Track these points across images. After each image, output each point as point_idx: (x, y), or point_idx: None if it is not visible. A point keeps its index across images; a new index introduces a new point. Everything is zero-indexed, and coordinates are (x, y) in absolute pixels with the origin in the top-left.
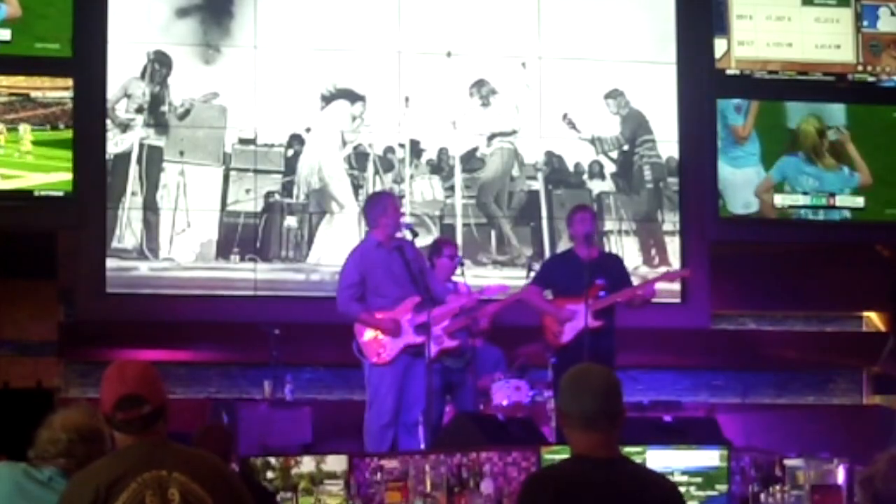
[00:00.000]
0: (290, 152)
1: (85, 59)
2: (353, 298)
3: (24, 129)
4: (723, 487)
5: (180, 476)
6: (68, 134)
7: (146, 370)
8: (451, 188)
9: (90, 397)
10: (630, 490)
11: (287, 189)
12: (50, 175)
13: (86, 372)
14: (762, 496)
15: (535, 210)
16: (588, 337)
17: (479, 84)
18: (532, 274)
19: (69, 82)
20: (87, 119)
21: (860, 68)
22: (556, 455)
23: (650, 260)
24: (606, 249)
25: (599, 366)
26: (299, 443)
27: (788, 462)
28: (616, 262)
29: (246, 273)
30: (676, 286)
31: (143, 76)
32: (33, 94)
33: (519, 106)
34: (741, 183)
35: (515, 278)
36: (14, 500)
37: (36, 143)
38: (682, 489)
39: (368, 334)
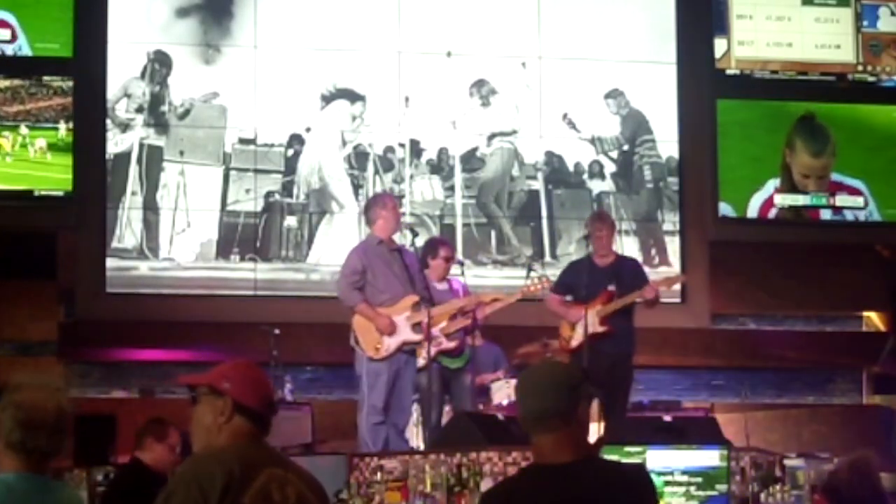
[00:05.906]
0: (290, 152)
1: (85, 59)
2: (354, 287)
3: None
4: (723, 487)
5: (293, 477)
6: (69, 137)
7: None
8: (451, 188)
9: (90, 398)
10: (588, 496)
11: (287, 189)
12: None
13: (86, 372)
14: (762, 496)
15: (535, 210)
16: (596, 342)
17: (479, 84)
18: (532, 274)
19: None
20: (87, 119)
21: (860, 68)
22: None
23: (650, 260)
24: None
25: (556, 362)
26: (299, 443)
27: (788, 462)
28: (631, 264)
29: (246, 273)
30: (676, 286)
31: (143, 76)
32: (46, 77)
33: (519, 106)
34: None
35: (515, 278)
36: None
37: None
38: (682, 489)
39: (368, 328)
